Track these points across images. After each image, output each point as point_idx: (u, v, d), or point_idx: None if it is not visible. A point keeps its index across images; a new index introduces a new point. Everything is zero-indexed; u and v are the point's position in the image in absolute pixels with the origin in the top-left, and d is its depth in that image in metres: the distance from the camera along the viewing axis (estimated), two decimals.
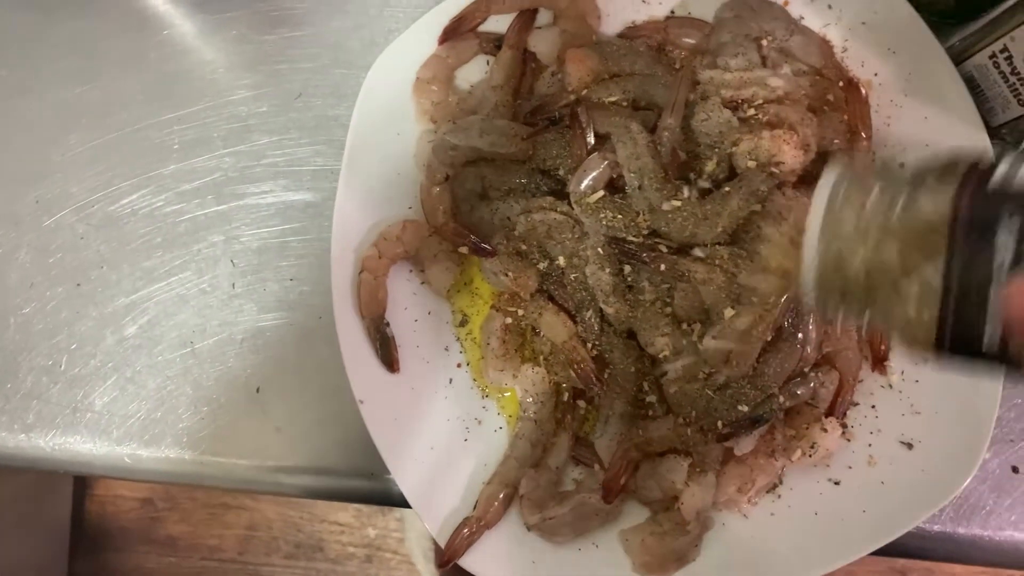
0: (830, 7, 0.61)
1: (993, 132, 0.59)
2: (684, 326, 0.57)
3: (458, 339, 0.63)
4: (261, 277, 0.65)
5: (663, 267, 0.55)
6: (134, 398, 0.65)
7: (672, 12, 0.63)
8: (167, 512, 1.59)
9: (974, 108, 0.58)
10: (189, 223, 0.66)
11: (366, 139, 0.61)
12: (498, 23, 0.63)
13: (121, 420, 0.65)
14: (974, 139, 0.58)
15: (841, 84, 0.60)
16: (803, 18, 0.62)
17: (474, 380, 0.63)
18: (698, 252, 0.55)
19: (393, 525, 1.57)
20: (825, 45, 0.61)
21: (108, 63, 0.68)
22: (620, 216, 0.56)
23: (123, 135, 0.67)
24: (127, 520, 1.59)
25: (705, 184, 0.57)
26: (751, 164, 0.55)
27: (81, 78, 0.68)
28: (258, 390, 0.64)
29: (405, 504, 0.60)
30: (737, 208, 0.54)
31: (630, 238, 0.56)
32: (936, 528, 0.62)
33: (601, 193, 0.57)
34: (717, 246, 0.55)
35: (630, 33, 0.62)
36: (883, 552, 0.58)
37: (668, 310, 0.57)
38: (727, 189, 0.55)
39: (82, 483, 1.58)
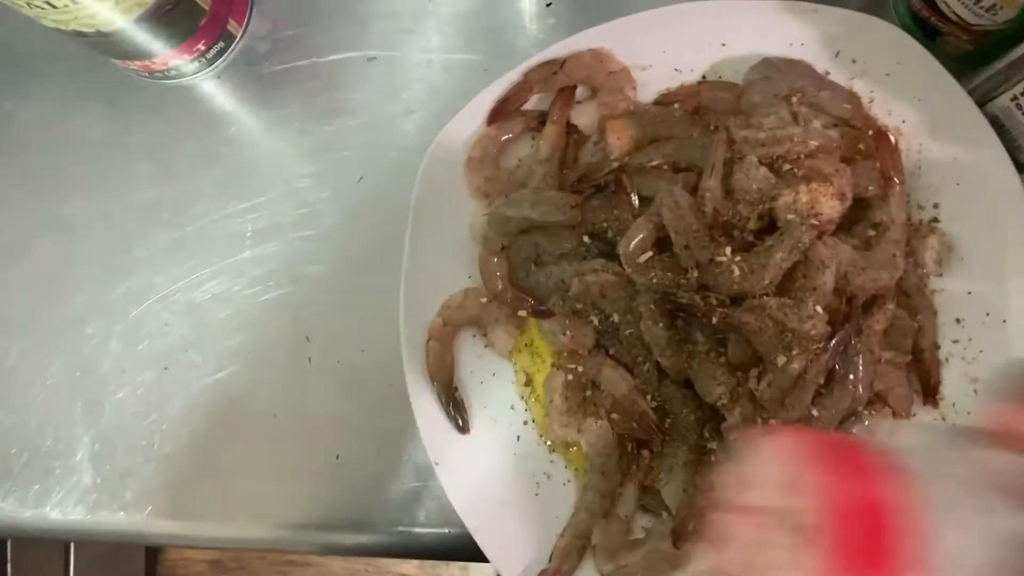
0: (854, 61, 0.64)
1: (1021, 167, 0.61)
2: (739, 374, 0.60)
3: (522, 398, 0.66)
4: (334, 351, 0.69)
5: (715, 320, 0.57)
6: (222, 472, 0.69)
7: (703, 77, 0.66)
8: (236, 572, 1.62)
9: (1001, 146, 0.61)
10: (264, 304, 0.71)
11: (426, 217, 0.65)
12: (541, 102, 0.67)
13: (209, 493, 0.69)
14: (1004, 176, 0.61)
15: (871, 133, 0.63)
16: (829, 73, 0.65)
17: (540, 436, 0.65)
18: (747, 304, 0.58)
19: (457, 575, 1.58)
20: (853, 97, 0.64)
21: (182, 162, 0.74)
22: (669, 274, 0.59)
23: (200, 227, 0.72)
24: None
25: (748, 238, 0.59)
26: (791, 217, 0.58)
27: (159, 178, 0.74)
28: (338, 457, 0.68)
29: (480, 558, 0.63)
30: (781, 260, 0.57)
31: (681, 293, 0.59)
32: None
33: (650, 253, 0.60)
34: (765, 297, 0.57)
35: (665, 100, 0.66)
36: None
37: (722, 360, 0.60)
38: (770, 243, 0.58)
39: (153, 548, 1.61)
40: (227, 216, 0.72)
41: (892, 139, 0.63)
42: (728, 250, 0.58)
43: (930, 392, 0.61)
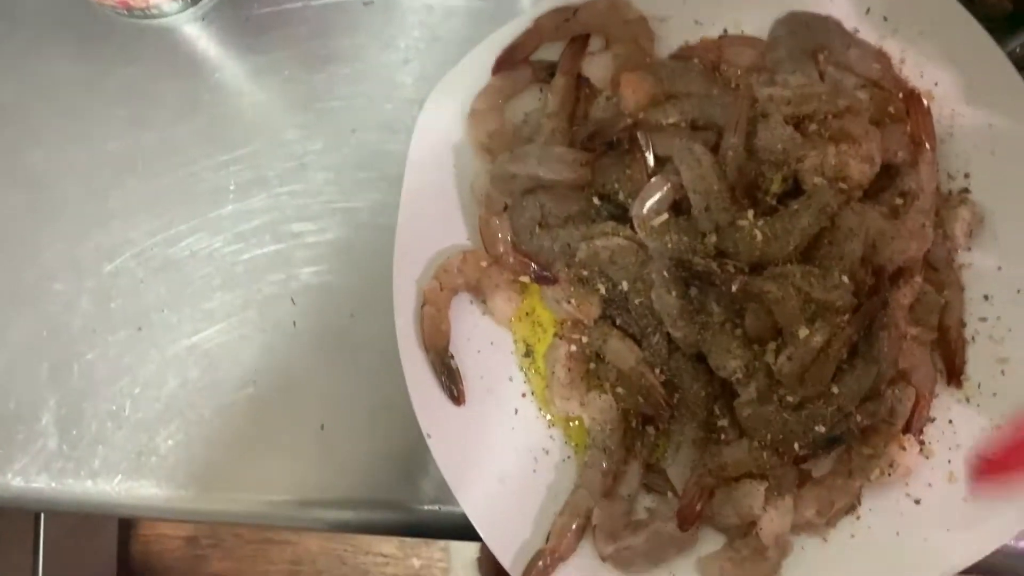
0: (885, 19, 0.61)
1: None
2: (755, 347, 0.56)
3: (521, 369, 0.63)
4: (322, 314, 0.65)
5: (734, 288, 0.54)
6: (198, 440, 0.65)
7: (725, 31, 0.62)
8: (211, 549, 1.59)
9: None
10: (248, 263, 0.66)
11: (423, 172, 0.62)
12: (551, 51, 0.63)
13: (186, 463, 0.65)
14: None
15: (902, 95, 0.60)
16: (858, 31, 0.61)
17: (540, 410, 0.62)
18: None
19: (438, 555, 1.56)
20: (883, 57, 0.61)
21: (162, 109, 0.69)
22: (687, 238, 0.56)
23: (179, 179, 0.68)
24: (172, 559, 1.59)
25: (772, 202, 0.56)
26: (818, 180, 0.54)
27: (136, 125, 0.69)
28: (323, 427, 0.64)
29: (474, 536, 0.59)
30: (808, 225, 0.53)
31: (698, 260, 0.55)
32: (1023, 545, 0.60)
33: (665, 215, 0.56)
34: (788, 264, 0.54)
35: (684, 54, 0.62)
36: (968, 572, 0.57)
37: (739, 331, 0.56)
38: (796, 207, 0.54)
39: (127, 522, 1.58)
40: (208, 168, 0.68)
41: (925, 102, 0.59)
42: (751, 214, 0.54)
43: (955, 372, 0.58)
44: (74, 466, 0.66)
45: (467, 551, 1.43)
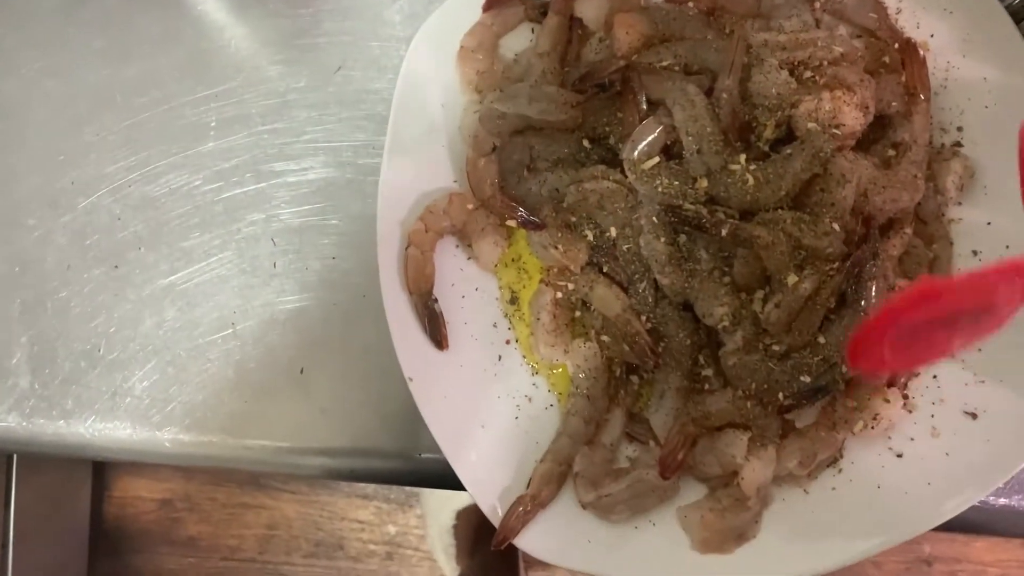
0: None
1: None
2: (743, 295, 0.56)
3: (506, 315, 0.62)
4: (303, 256, 0.64)
5: (724, 233, 0.53)
6: (175, 382, 0.64)
7: None
8: (186, 513, 1.58)
9: None
10: (228, 202, 0.65)
11: (409, 112, 0.60)
12: None
13: (162, 404, 0.64)
14: None
15: (897, 45, 0.59)
16: None
17: (524, 357, 0.61)
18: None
19: (414, 522, 1.56)
20: (879, 6, 0.60)
21: (141, 41, 0.67)
22: (677, 182, 0.55)
23: (158, 114, 0.66)
24: (146, 521, 1.58)
25: (764, 148, 0.55)
26: (812, 126, 0.53)
27: (114, 57, 0.67)
28: (302, 371, 0.63)
29: (454, 484, 0.59)
30: (800, 170, 0.52)
31: (688, 205, 0.54)
32: (1001, 502, 0.60)
33: (657, 159, 0.55)
34: (779, 210, 0.53)
35: None
36: (946, 527, 0.57)
37: (726, 279, 0.56)
38: (788, 151, 0.54)
39: (100, 485, 1.57)
40: (189, 104, 0.66)
41: (921, 52, 0.58)
42: (743, 158, 0.53)
43: None
44: (46, 406, 0.64)
45: (443, 517, 1.42)
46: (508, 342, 0.61)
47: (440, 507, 1.43)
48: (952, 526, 0.57)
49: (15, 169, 0.66)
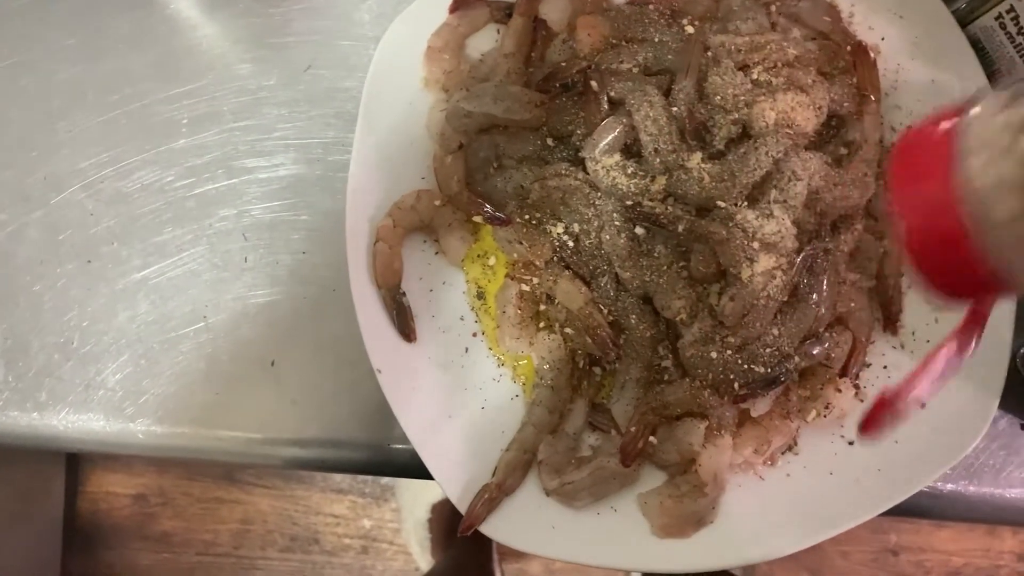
0: None
1: None
2: (700, 288, 0.57)
3: (473, 309, 0.63)
4: (273, 251, 0.65)
5: (681, 229, 0.55)
6: (147, 374, 0.65)
7: None
8: (160, 508, 1.57)
9: (980, 70, 0.59)
10: (200, 198, 0.66)
11: (378, 110, 0.61)
12: None
13: (135, 397, 0.65)
14: None
15: (849, 48, 0.61)
16: None
17: (490, 349, 0.62)
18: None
19: (389, 516, 1.56)
20: (832, 10, 0.62)
21: (113, 39, 0.68)
22: (636, 180, 0.56)
23: (131, 111, 0.67)
24: (120, 517, 1.57)
25: (720, 147, 0.57)
26: (766, 125, 0.55)
27: (86, 54, 0.67)
28: (273, 363, 0.64)
29: (422, 474, 0.60)
30: (753, 167, 0.54)
31: (646, 202, 0.56)
32: (948, 487, 0.63)
33: (617, 157, 0.57)
34: (734, 207, 0.55)
35: (641, 0, 0.62)
36: (896, 512, 0.59)
37: (684, 273, 0.57)
38: (743, 150, 0.55)
39: (74, 480, 1.56)
40: (161, 101, 0.67)
41: (871, 55, 0.60)
42: (699, 156, 0.55)
43: (891, 319, 0.60)
44: (20, 398, 0.65)
45: (419, 511, 1.43)
46: (475, 335, 0.63)
47: (415, 501, 1.44)
48: (904, 510, 0.59)
49: None
